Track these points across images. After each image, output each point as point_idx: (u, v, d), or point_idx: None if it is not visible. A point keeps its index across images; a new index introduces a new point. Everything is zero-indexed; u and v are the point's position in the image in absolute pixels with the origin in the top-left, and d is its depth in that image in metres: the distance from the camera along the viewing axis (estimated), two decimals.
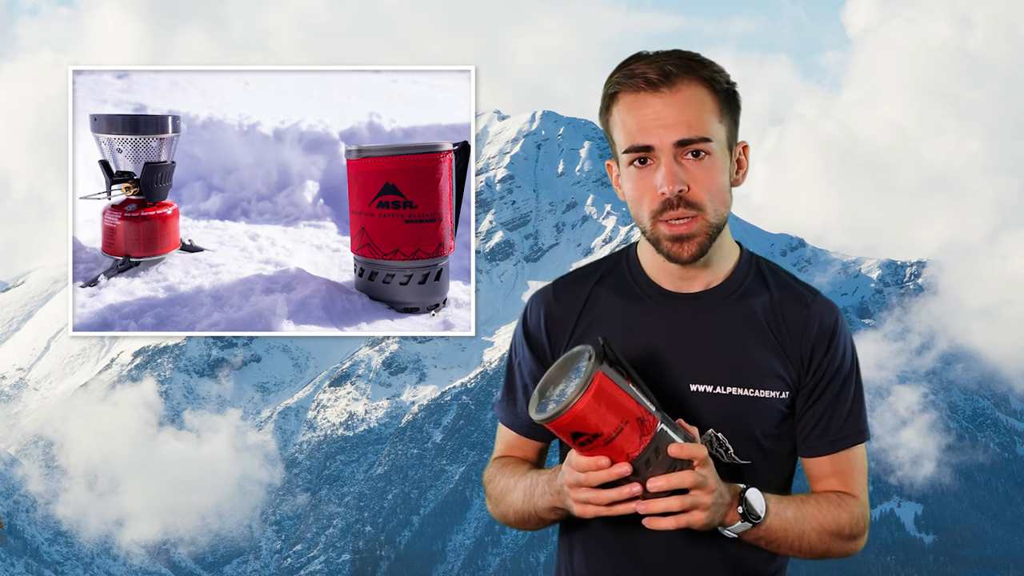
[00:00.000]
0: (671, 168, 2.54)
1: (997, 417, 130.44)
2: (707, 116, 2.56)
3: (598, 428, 2.38)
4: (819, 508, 2.62)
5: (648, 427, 2.40)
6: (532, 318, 2.74)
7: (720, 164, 2.58)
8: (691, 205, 2.55)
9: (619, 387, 2.39)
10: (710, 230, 2.57)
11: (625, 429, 2.38)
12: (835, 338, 2.65)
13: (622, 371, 2.42)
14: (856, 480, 2.68)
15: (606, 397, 2.37)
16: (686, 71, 2.56)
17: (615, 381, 2.39)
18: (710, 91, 2.57)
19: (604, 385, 2.38)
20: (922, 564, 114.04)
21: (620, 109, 2.58)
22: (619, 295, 2.69)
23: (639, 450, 2.40)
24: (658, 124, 2.54)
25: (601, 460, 2.40)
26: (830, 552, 2.64)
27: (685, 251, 2.57)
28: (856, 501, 2.66)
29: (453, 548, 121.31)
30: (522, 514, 2.66)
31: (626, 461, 2.40)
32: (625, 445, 2.39)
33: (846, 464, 2.68)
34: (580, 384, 2.37)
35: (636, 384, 2.42)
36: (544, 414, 2.39)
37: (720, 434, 2.61)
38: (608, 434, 2.38)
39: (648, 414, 2.41)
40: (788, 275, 2.72)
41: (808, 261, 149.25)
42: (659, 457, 2.41)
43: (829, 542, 2.63)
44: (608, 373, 2.39)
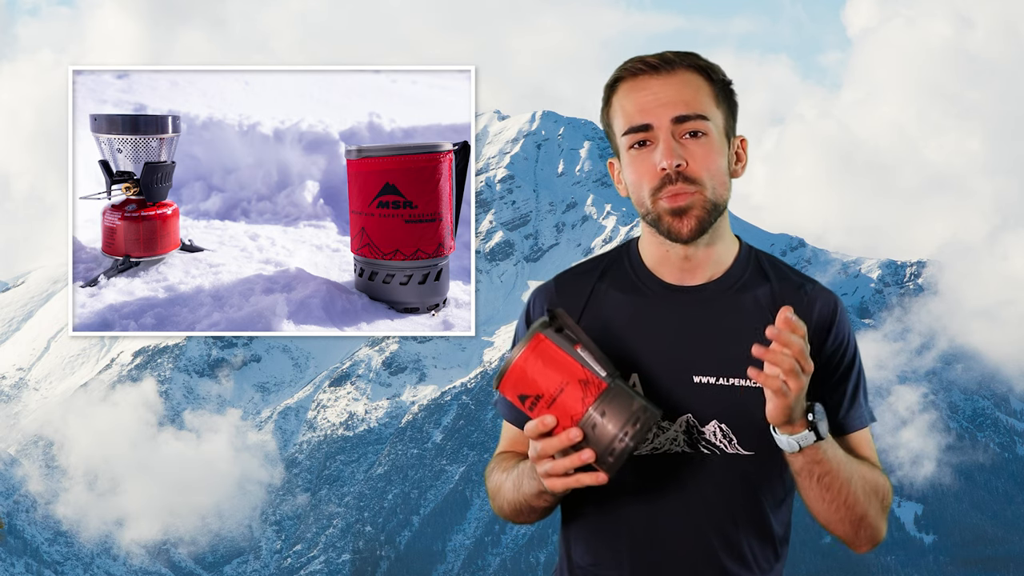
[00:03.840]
0: (669, 144, 2.59)
1: (997, 417, 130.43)
2: (704, 98, 2.62)
3: (539, 388, 2.45)
4: (861, 465, 2.63)
5: (592, 389, 2.44)
6: (535, 313, 2.76)
7: (718, 146, 2.62)
8: (690, 180, 2.59)
9: (560, 349, 2.47)
10: (708, 205, 2.60)
11: (566, 389, 2.44)
12: (835, 325, 2.67)
13: (571, 339, 2.48)
14: (872, 457, 2.70)
15: (544, 356, 2.46)
16: (683, 59, 2.64)
17: (557, 344, 2.47)
18: (706, 79, 2.64)
19: (542, 346, 2.46)
20: (922, 564, 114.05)
21: (620, 95, 2.64)
22: (621, 289, 2.71)
23: (583, 412, 2.44)
24: (656, 103, 2.60)
25: (547, 419, 2.45)
26: (867, 516, 2.62)
27: (685, 225, 2.60)
28: (881, 471, 2.68)
29: (453, 548, 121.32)
30: (515, 505, 2.68)
31: (572, 424, 2.44)
32: (568, 406, 2.44)
33: (855, 445, 2.70)
34: (520, 345, 2.47)
35: (589, 351, 2.48)
36: (496, 379, 2.49)
37: (724, 425, 2.62)
38: (550, 394, 2.45)
39: (593, 376, 2.45)
40: (787, 266, 2.74)
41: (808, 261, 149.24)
42: (605, 420, 2.43)
43: (869, 501, 2.61)
44: (551, 336, 2.47)
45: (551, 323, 2.49)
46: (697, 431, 2.63)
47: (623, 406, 2.44)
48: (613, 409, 2.44)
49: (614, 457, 2.44)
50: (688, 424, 2.62)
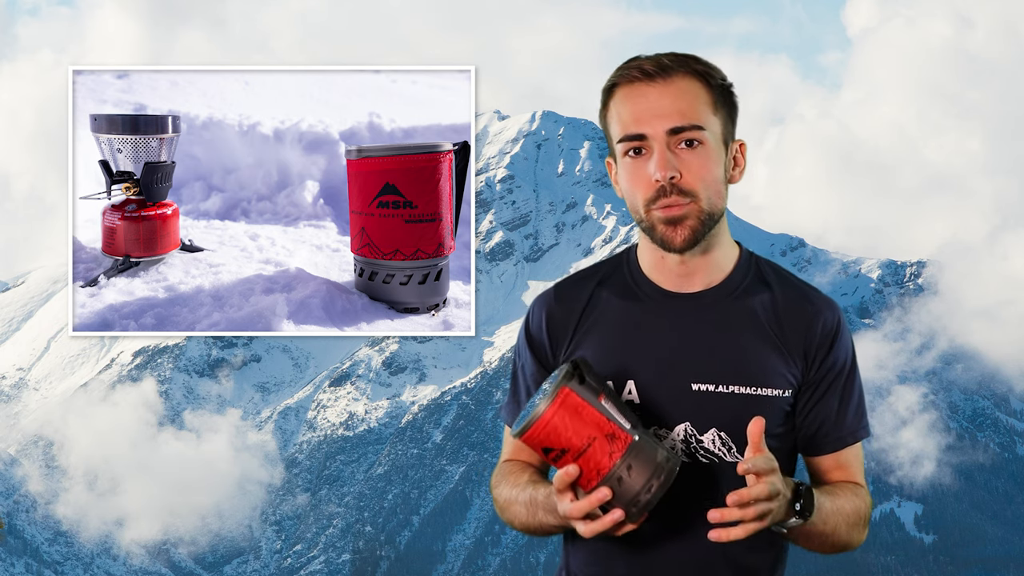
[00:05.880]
0: (663, 155, 2.57)
1: (997, 417, 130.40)
2: (701, 107, 2.60)
3: (566, 443, 2.43)
4: (847, 500, 2.66)
5: (619, 444, 2.43)
6: (534, 321, 2.76)
7: (714, 155, 2.61)
8: (684, 193, 2.58)
9: (587, 402, 2.44)
10: (703, 216, 2.60)
11: (594, 444, 2.43)
12: (838, 337, 2.67)
13: (594, 389, 2.46)
14: (859, 472, 2.73)
15: (571, 412, 2.43)
16: (681, 64, 2.62)
17: (583, 397, 2.44)
18: (704, 85, 2.62)
19: (569, 400, 2.44)
20: (922, 564, 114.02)
21: (616, 101, 2.63)
22: (620, 296, 2.70)
23: (610, 466, 2.43)
24: (652, 113, 2.59)
25: (571, 469, 2.44)
26: (850, 543, 2.68)
27: (678, 235, 2.59)
28: (864, 491, 2.71)
29: (453, 548, 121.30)
30: (528, 527, 2.69)
31: (597, 478, 2.43)
32: (595, 460, 2.43)
33: (850, 457, 2.71)
34: (546, 399, 2.43)
35: (612, 402, 2.46)
36: (516, 429, 2.46)
37: (723, 433, 2.62)
38: (576, 449, 2.43)
39: (619, 430, 2.44)
40: (788, 274, 2.73)
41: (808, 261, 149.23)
42: (631, 475, 2.43)
43: (849, 534, 2.66)
44: (576, 389, 2.45)
45: (574, 373, 2.47)
46: (696, 440, 2.62)
47: (648, 459, 2.44)
48: (639, 463, 2.44)
49: (638, 509, 2.45)
50: (686, 433, 2.62)
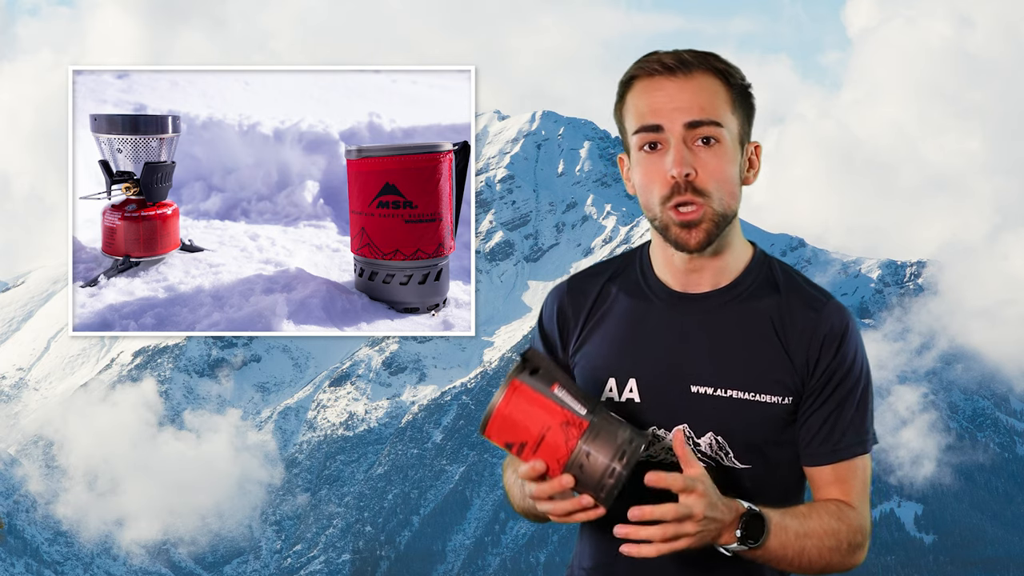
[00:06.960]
0: (680, 151, 2.54)
1: (997, 417, 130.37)
2: (720, 104, 2.57)
3: (524, 434, 2.46)
4: (821, 521, 2.58)
5: (573, 431, 2.44)
6: (546, 313, 2.76)
7: (730, 154, 2.58)
8: (697, 192, 2.55)
9: (539, 393, 2.46)
10: (716, 217, 2.56)
11: (548, 434, 2.44)
12: (843, 344, 2.61)
13: (548, 379, 2.47)
14: (856, 490, 2.64)
15: (524, 403, 2.45)
16: (701, 61, 2.58)
17: (534, 388, 2.46)
18: (724, 83, 2.59)
19: (520, 391, 2.46)
20: (922, 564, 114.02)
21: (633, 94, 2.60)
22: (629, 293, 2.69)
23: (568, 454, 2.44)
24: (670, 106, 2.55)
25: (537, 464, 2.45)
26: (830, 567, 2.60)
27: (693, 238, 2.57)
28: (855, 512, 2.62)
29: (453, 548, 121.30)
30: (523, 511, 2.70)
31: (559, 466, 2.45)
32: (553, 449, 2.45)
33: (848, 473, 2.64)
34: (498, 393, 2.47)
35: (567, 390, 2.47)
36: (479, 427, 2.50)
37: (720, 437, 2.60)
38: (534, 440, 2.45)
39: (574, 416, 2.45)
40: (802, 277, 2.69)
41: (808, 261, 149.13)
42: (590, 460, 2.44)
43: (829, 557, 2.59)
44: (527, 380, 2.47)
45: (525, 366, 2.48)
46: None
47: (608, 442, 2.44)
48: (598, 446, 2.44)
49: (605, 492, 2.45)
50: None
